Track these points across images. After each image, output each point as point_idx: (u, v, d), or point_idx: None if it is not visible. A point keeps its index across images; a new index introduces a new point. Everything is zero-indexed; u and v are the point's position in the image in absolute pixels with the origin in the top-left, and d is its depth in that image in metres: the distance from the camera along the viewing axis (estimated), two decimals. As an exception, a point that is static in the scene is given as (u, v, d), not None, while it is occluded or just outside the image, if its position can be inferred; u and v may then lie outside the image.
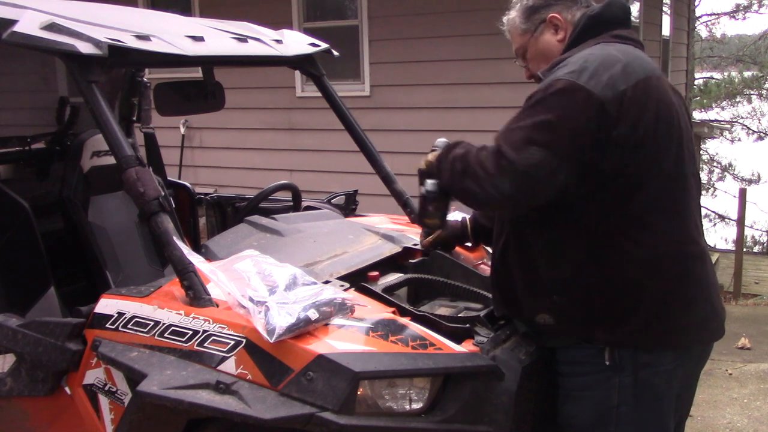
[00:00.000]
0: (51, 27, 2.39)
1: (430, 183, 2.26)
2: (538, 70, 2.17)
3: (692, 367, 2.13)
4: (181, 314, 2.16)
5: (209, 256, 2.51)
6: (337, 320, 2.09)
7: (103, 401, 2.27)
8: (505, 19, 2.30)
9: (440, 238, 2.64)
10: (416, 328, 2.16)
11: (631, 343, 1.99)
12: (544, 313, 2.07)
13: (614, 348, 2.00)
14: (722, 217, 16.20)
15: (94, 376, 2.29)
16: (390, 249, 2.85)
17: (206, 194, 4.15)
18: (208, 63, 3.18)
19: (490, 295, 2.56)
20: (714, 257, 9.53)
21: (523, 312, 2.15)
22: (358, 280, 2.52)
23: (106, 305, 2.30)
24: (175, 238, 2.26)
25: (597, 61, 1.94)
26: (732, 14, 19.22)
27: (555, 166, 1.87)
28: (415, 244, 2.91)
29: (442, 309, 2.55)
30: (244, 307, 2.05)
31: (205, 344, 2.08)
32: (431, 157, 2.21)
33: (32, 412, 2.52)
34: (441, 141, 2.25)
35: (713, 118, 17.47)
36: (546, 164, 1.86)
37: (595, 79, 1.89)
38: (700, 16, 18.23)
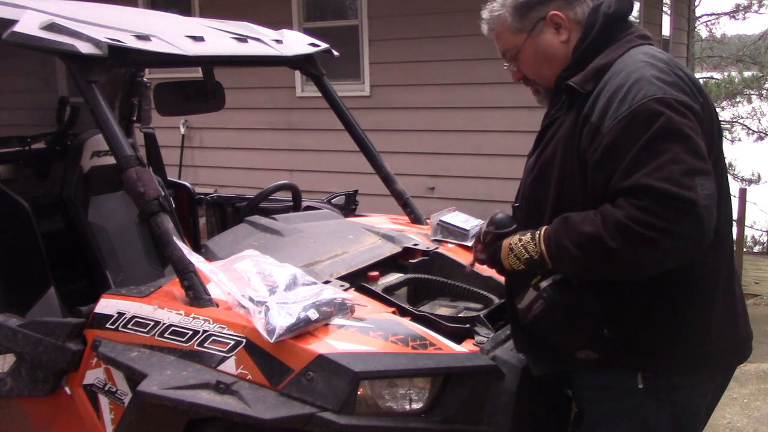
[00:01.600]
0: (51, 27, 2.39)
1: (547, 283, 1.80)
2: (534, 74, 2.00)
3: (722, 383, 2.04)
4: (181, 314, 2.16)
5: (209, 256, 2.51)
6: (337, 320, 2.09)
7: (103, 401, 2.27)
8: (487, 14, 2.03)
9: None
10: (416, 328, 2.16)
11: (677, 368, 1.84)
12: (587, 349, 1.85)
13: (649, 372, 1.84)
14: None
15: (94, 376, 2.29)
16: (390, 249, 2.85)
17: (206, 194, 4.15)
18: (208, 63, 3.18)
19: (490, 295, 2.57)
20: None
21: (561, 349, 1.92)
22: (358, 280, 2.52)
23: (106, 305, 2.30)
24: (175, 238, 2.26)
25: (668, 69, 1.77)
26: (732, 14, 19.21)
27: (714, 189, 1.66)
28: (416, 244, 2.91)
29: (442, 309, 2.55)
30: (244, 307, 2.06)
31: (205, 344, 2.08)
32: (514, 245, 1.83)
33: (32, 412, 2.52)
34: (500, 216, 1.92)
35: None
36: (714, 189, 1.65)
37: (677, 87, 1.73)
38: (700, 16, 18.22)
